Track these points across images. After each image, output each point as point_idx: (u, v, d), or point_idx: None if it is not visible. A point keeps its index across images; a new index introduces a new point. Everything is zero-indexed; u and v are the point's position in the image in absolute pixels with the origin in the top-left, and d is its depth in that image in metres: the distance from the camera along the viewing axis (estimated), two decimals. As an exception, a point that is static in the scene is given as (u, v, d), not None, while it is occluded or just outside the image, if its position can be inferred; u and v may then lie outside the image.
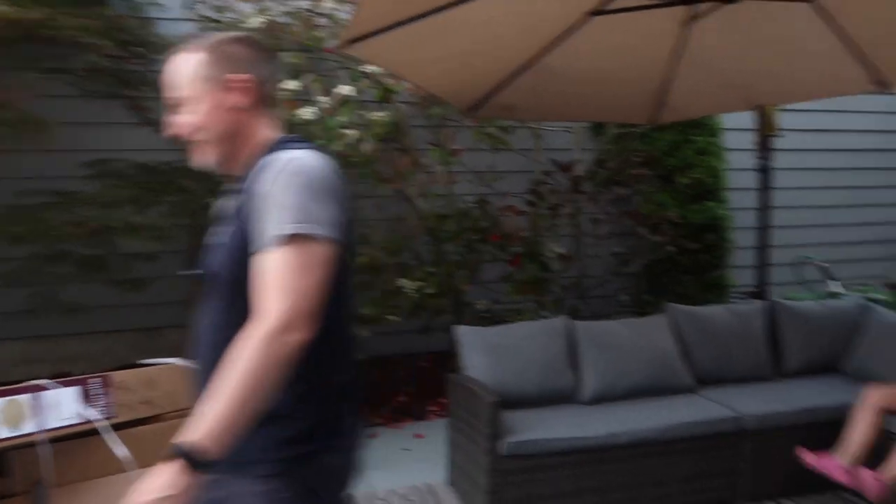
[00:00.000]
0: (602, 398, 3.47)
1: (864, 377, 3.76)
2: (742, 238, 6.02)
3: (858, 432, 3.25)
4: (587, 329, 3.62)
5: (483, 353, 3.44)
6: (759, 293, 4.95)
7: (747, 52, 3.27)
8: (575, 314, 5.27)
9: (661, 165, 5.54)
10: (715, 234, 5.54)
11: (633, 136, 5.49)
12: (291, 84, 3.73)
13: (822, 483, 3.31)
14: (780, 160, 6.16)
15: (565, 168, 4.46)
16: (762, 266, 4.87)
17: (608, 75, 3.40)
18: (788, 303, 3.97)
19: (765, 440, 3.28)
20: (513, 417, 3.23)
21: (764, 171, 4.63)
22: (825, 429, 3.35)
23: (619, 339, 3.59)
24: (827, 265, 5.27)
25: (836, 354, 3.90)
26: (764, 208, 4.75)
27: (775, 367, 3.91)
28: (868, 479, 3.19)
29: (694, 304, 5.50)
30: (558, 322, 3.63)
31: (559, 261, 4.41)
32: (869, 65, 3.19)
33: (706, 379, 3.71)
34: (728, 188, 5.66)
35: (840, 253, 6.51)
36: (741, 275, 6.02)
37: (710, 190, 5.52)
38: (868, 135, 6.59)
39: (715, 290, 5.69)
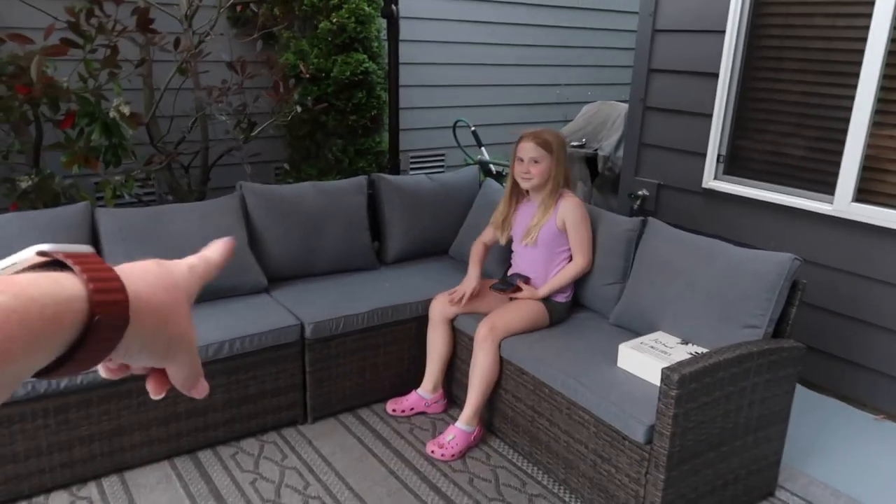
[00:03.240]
0: (134, 310, 2.66)
1: (464, 262, 3.43)
2: (406, 97, 5.45)
3: (432, 354, 2.89)
4: (115, 218, 2.71)
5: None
6: (390, 165, 4.42)
7: None
8: (199, 194, 4.34)
9: (297, 2, 4.58)
10: (364, 91, 4.83)
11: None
12: None
13: (385, 391, 2.96)
14: (431, 9, 5.56)
15: (115, -5, 3.28)
16: (394, 131, 4.29)
17: None
18: (392, 178, 3.42)
19: (328, 349, 2.76)
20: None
21: (390, 17, 3.89)
22: (401, 327, 2.93)
23: (164, 229, 2.75)
24: (473, 128, 4.89)
25: (445, 235, 3.49)
26: (393, 62, 4.08)
27: (378, 254, 3.41)
28: (436, 407, 2.91)
29: (348, 173, 4.90)
30: (75, 211, 2.66)
31: (129, 122, 3.33)
32: None
33: (287, 273, 3.08)
34: (381, 38, 4.91)
35: (503, 115, 6.30)
36: (404, 138, 5.51)
37: (356, 38, 4.72)
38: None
39: (369, 157, 5.09)
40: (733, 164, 3.52)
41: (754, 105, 3.41)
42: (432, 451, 2.58)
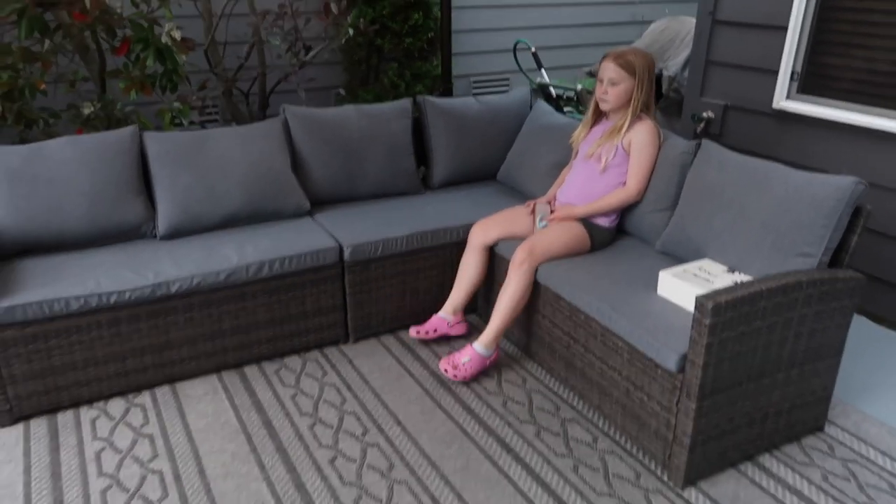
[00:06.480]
0: (183, 231, 2.75)
1: (512, 188, 3.35)
2: (461, 19, 5.26)
3: (461, 278, 2.86)
4: (162, 142, 2.77)
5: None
6: (442, 89, 4.31)
7: None
8: (241, 118, 4.38)
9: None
10: (420, 12, 4.68)
11: None
12: None
13: (426, 315, 2.96)
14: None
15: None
16: (446, 53, 4.15)
17: None
18: (438, 100, 3.32)
19: (368, 272, 2.78)
20: (38, 268, 2.45)
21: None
22: (441, 252, 2.92)
23: (209, 153, 2.80)
24: (534, 50, 4.68)
25: (493, 160, 3.40)
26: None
27: (424, 179, 3.38)
28: (457, 329, 2.89)
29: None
30: (123, 135, 2.74)
31: (179, 47, 3.37)
32: None
33: (330, 197, 3.09)
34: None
35: (571, 37, 6.00)
36: (462, 62, 5.36)
37: (410, -46, 4.55)
38: None
39: (426, 81, 4.98)
40: (810, 82, 3.22)
41: (836, 15, 3.08)
42: (445, 370, 2.58)
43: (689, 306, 2.17)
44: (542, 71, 4.67)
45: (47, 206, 2.54)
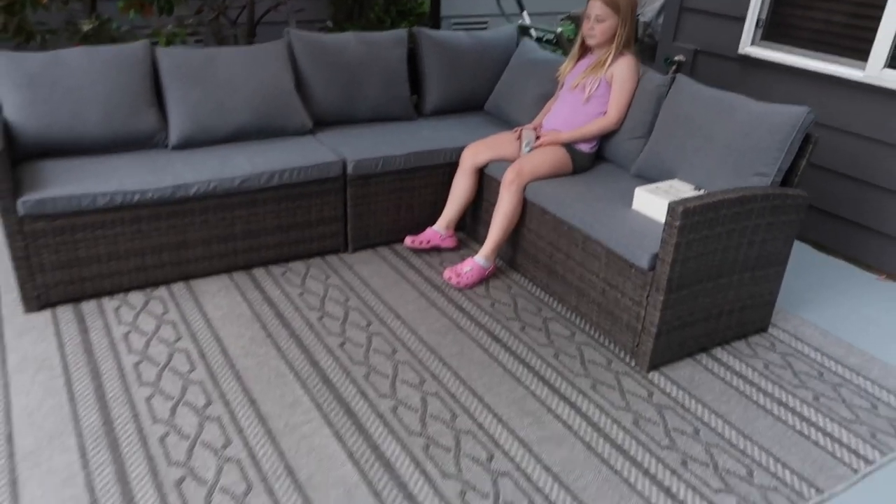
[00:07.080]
0: (193, 142, 2.92)
1: (498, 117, 3.59)
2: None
3: (453, 197, 3.11)
4: (173, 57, 2.91)
5: (19, 87, 2.64)
6: (430, 25, 4.47)
7: None
8: (226, 40, 4.49)
9: None
10: (408, -51, 4.82)
11: None
12: None
13: (419, 230, 3.22)
14: None
15: None
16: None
17: None
18: (432, 32, 3.51)
19: (368, 186, 3.01)
20: (60, 168, 2.61)
21: None
22: (435, 171, 3.16)
23: (218, 70, 2.95)
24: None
25: (481, 91, 3.63)
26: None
27: (417, 106, 3.59)
28: (449, 242, 3.14)
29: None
30: (136, 49, 2.87)
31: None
32: None
33: (330, 118, 3.29)
34: None
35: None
36: (447, 2, 5.51)
37: None
38: None
39: (411, 18, 5.14)
40: (773, 30, 3.52)
41: (800, -33, 3.36)
42: (448, 278, 2.86)
43: (660, 217, 2.47)
44: (524, 14, 4.87)
45: (66, 110, 2.68)
